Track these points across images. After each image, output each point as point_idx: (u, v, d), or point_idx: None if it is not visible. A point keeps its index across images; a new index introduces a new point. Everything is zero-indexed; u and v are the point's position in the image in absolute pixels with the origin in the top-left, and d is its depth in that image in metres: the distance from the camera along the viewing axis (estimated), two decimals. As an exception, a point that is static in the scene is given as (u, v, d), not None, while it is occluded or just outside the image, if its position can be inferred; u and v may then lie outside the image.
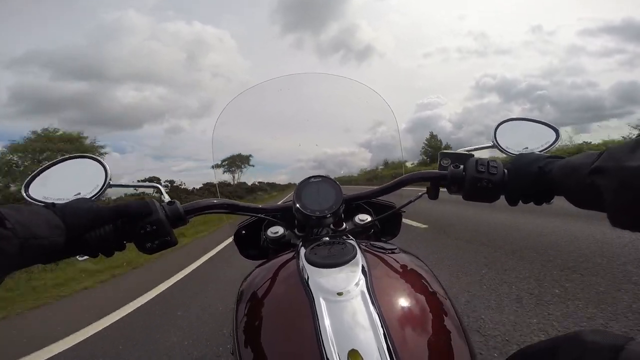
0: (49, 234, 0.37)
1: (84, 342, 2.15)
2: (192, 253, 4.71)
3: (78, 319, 2.54)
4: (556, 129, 0.65)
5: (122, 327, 2.36)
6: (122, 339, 2.13)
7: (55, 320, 2.73)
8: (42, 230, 0.37)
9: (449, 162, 0.58)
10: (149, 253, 0.48)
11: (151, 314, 2.54)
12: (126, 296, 3.00)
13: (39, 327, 2.62)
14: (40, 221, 0.37)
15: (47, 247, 0.37)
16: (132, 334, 2.20)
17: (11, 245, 0.33)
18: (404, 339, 0.35)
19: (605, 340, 0.34)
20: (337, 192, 0.57)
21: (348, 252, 0.45)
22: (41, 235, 0.36)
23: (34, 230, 0.36)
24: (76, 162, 0.62)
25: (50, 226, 0.38)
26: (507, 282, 2.13)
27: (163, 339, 2.02)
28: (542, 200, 0.50)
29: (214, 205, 0.57)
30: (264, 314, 0.43)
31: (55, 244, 0.39)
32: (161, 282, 3.36)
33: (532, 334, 1.50)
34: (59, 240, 0.39)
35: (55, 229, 0.39)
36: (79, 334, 2.26)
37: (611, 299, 1.70)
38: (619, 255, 2.26)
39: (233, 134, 0.83)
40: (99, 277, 4.04)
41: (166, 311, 2.56)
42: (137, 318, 2.50)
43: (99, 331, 2.30)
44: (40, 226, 0.37)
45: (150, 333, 2.16)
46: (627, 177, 0.33)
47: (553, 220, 3.40)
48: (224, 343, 1.86)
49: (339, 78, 0.81)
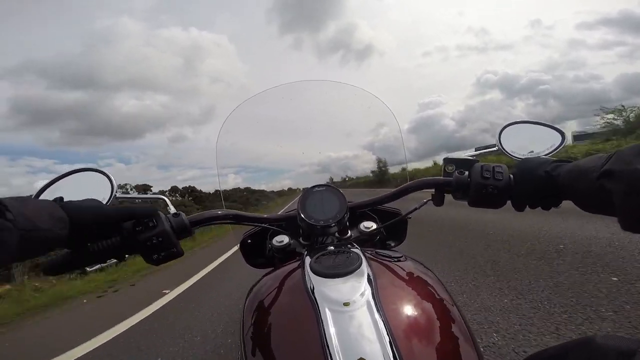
0: (51, 226, 0.37)
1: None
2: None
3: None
4: (562, 132, 0.64)
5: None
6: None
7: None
8: (45, 222, 0.37)
9: (453, 168, 0.57)
10: (155, 264, 0.49)
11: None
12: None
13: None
14: (44, 213, 0.38)
15: (49, 239, 0.38)
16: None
17: (11, 236, 0.33)
18: (411, 348, 0.34)
19: (616, 345, 0.33)
20: (341, 201, 0.56)
21: (353, 261, 0.44)
22: (43, 227, 0.36)
23: (36, 222, 0.36)
24: (84, 175, 0.63)
25: (53, 218, 0.38)
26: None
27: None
28: (550, 205, 0.49)
29: (219, 216, 0.57)
30: (271, 324, 0.43)
31: (58, 236, 0.39)
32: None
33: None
34: (61, 233, 0.39)
35: (58, 221, 0.39)
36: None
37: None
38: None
39: (237, 142, 0.84)
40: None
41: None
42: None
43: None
44: (43, 218, 0.37)
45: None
46: (637, 180, 0.33)
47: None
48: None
49: (340, 84, 0.82)
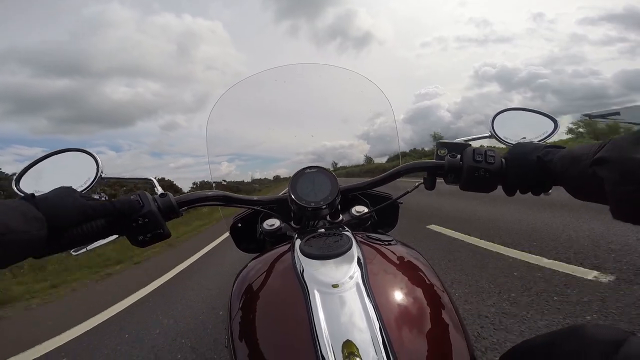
0: (27, 227, 0.35)
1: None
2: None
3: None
4: (554, 119, 0.64)
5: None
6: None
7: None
8: (18, 224, 0.35)
9: (445, 152, 0.57)
10: (141, 246, 0.48)
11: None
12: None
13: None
14: (16, 214, 0.35)
15: (29, 241, 0.36)
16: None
17: None
18: (400, 330, 0.35)
19: (605, 334, 0.33)
20: (332, 183, 0.56)
21: (343, 243, 0.44)
22: (18, 230, 0.34)
23: (10, 224, 0.34)
24: (68, 155, 0.61)
25: (27, 219, 0.36)
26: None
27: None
28: (540, 191, 0.49)
29: (208, 197, 0.56)
30: (258, 307, 0.43)
31: (37, 238, 0.36)
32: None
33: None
34: (40, 234, 0.37)
35: (33, 221, 0.36)
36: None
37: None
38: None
39: (228, 127, 0.82)
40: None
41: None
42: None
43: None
44: (16, 219, 0.35)
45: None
46: (630, 169, 0.32)
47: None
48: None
49: (335, 68, 0.80)
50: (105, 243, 0.49)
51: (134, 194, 0.47)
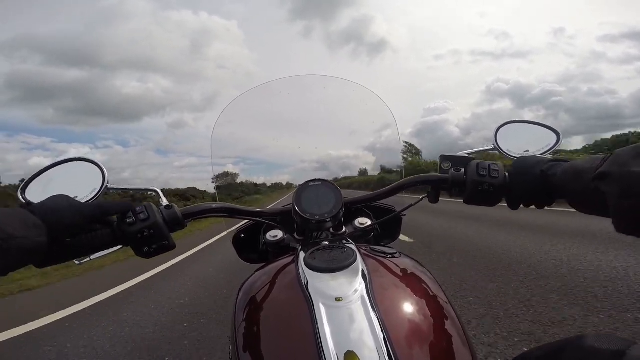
0: (26, 233, 0.36)
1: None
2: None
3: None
4: (557, 132, 0.65)
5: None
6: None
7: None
8: (18, 230, 0.35)
9: (449, 166, 0.57)
10: (146, 257, 0.48)
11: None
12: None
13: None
14: (16, 220, 0.36)
15: (31, 247, 0.36)
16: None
17: None
18: (404, 344, 0.34)
19: (607, 344, 0.33)
20: (337, 196, 0.56)
21: (348, 256, 0.44)
22: (18, 235, 0.35)
23: (9, 230, 0.34)
24: (74, 165, 0.61)
25: (26, 225, 0.36)
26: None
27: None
28: (544, 204, 0.49)
29: (213, 209, 0.57)
30: (263, 319, 0.43)
31: (37, 244, 0.37)
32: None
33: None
34: (40, 241, 0.37)
35: (33, 228, 0.37)
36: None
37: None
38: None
39: (234, 134, 0.83)
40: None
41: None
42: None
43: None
44: (15, 225, 0.35)
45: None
46: (631, 183, 0.33)
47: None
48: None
49: (342, 81, 0.81)
50: (109, 253, 0.49)
51: (140, 207, 0.47)
